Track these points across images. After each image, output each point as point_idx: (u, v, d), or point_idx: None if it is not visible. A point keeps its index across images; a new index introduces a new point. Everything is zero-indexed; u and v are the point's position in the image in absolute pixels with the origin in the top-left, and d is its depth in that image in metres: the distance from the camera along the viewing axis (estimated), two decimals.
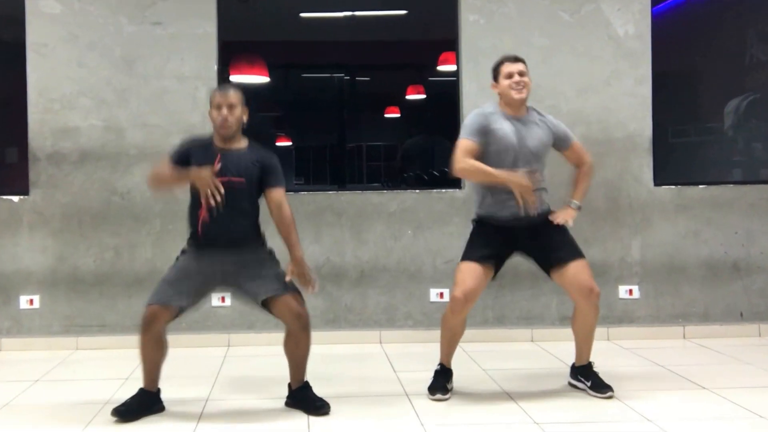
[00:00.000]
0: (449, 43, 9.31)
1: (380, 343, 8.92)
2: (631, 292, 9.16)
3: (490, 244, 6.59)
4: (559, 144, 6.80)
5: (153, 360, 6.23)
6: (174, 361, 6.39)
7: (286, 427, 5.93)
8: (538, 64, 9.01)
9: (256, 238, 6.33)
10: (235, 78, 9.31)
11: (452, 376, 6.82)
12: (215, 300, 8.83)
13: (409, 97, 9.84)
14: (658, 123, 9.21)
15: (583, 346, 6.82)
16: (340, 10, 9.39)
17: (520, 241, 6.60)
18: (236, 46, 9.27)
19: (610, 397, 6.53)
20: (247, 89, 8.85)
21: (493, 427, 5.87)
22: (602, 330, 8.82)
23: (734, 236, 9.22)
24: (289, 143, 9.82)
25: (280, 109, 9.91)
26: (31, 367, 7.95)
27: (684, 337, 9.03)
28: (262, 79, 9.50)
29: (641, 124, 9.15)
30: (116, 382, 7.22)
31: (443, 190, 9.10)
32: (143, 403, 6.24)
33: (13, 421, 6.16)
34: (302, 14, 9.59)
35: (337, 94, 9.55)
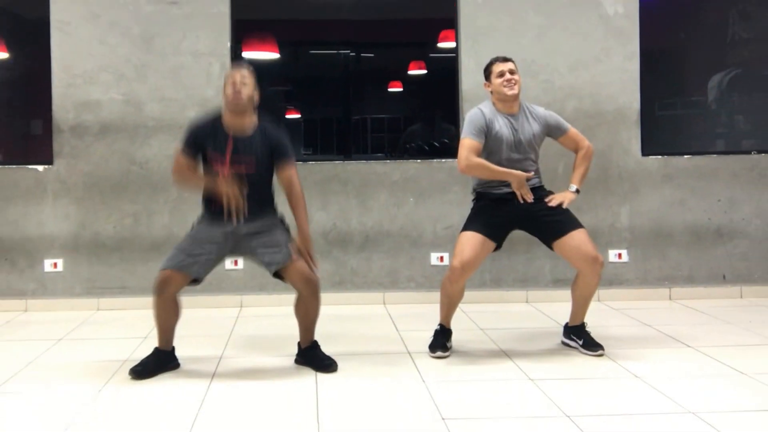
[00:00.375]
0: (449, 21, 9.24)
1: (384, 304, 8.90)
2: (620, 256, 9.13)
3: (491, 217, 6.57)
4: (554, 133, 6.78)
5: (167, 321, 6.18)
6: (189, 321, 6.37)
7: (296, 383, 5.89)
8: (533, 41, 8.99)
9: (269, 209, 6.26)
10: (247, 54, 9.24)
11: (451, 336, 6.80)
12: (228, 263, 8.79)
13: (411, 73, 9.78)
14: (646, 97, 9.19)
15: (579, 310, 6.80)
16: None
17: (520, 214, 6.55)
18: (248, 24, 9.20)
19: (601, 355, 6.51)
20: (258, 65, 8.82)
21: (490, 383, 5.84)
22: None
23: (717, 204, 9.17)
24: (298, 116, 9.77)
25: (290, 84, 9.85)
26: (54, 327, 7.94)
27: (670, 299, 9.01)
28: (273, 56, 9.43)
29: (630, 98, 9.11)
30: (135, 341, 7.20)
31: (443, 160, 9.05)
32: (159, 361, 6.21)
33: (38, 378, 6.13)
34: None
35: (343, 70, 9.48)
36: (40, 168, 8.85)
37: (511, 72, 6.57)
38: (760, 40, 9.75)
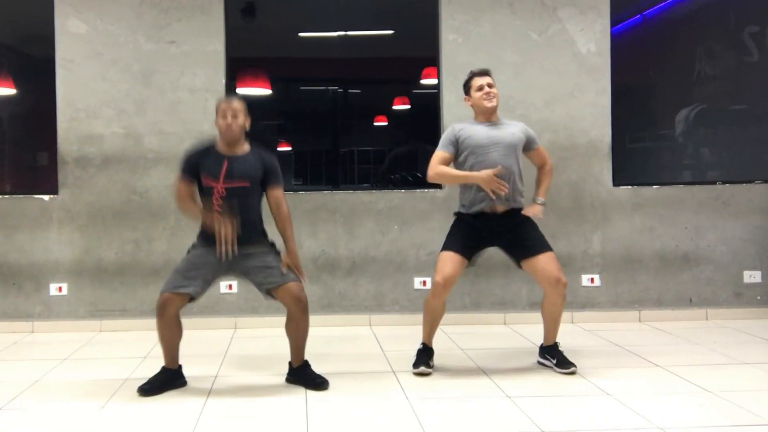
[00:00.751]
0: (431, 59, 9.30)
1: (370, 325, 8.92)
2: (592, 280, 9.18)
3: (467, 237, 6.63)
4: (527, 145, 6.81)
5: (171, 341, 6.24)
6: (186, 341, 6.39)
7: (287, 400, 5.93)
8: (510, 78, 9.04)
9: (260, 233, 6.33)
10: (240, 90, 9.30)
11: (433, 355, 6.84)
12: (223, 287, 8.85)
13: (396, 108, 9.81)
14: (617, 130, 9.22)
15: (551, 330, 6.85)
16: (335, 30, 9.38)
17: (495, 234, 6.61)
18: (242, 62, 9.26)
19: (573, 373, 6.56)
20: (251, 100, 8.87)
21: (470, 400, 5.89)
22: (567, 314, 8.83)
23: (684, 231, 9.24)
24: (289, 148, 9.79)
25: (281, 118, 9.88)
26: (59, 347, 7.95)
27: (640, 321, 9.04)
28: (265, 92, 9.48)
29: (602, 131, 9.16)
30: (136, 360, 7.24)
31: (426, 190, 9.10)
32: (166, 379, 6.26)
33: (44, 396, 6.16)
34: (301, 33, 9.57)
35: (332, 105, 9.52)
36: (46, 198, 8.89)
37: (489, 85, 6.63)
38: (725, 77, 9.83)
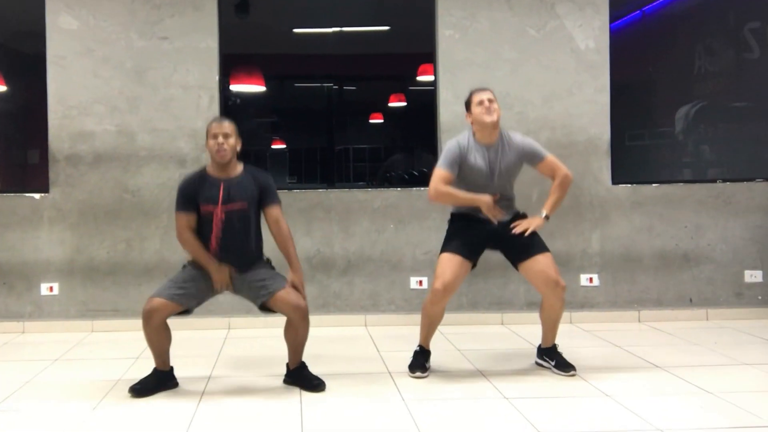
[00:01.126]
0: (427, 55, 9.31)
1: (365, 326, 8.93)
2: (591, 280, 9.19)
3: (466, 237, 6.61)
4: (530, 161, 6.74)
5: (160, 346, 6.23)
6: (178, 342, 6.40)
7: (282, 401, 5.94)
8: (507, 75, 9.05)
9: (257, 252, 6.38)
10: (234, 87, 9.30)
11: (430, 357, 6.84)
12: None
13: (392, 105, 9.83)
14: (616, 128, 9.23)
15: (549, 332, 6.86)
16: (330, 26, 9.38)
17: (493, 235, 6.61)
18: (236, 59, 9.27)
19: (573, 375, 6.56)
20: (245, 97, 8.90)
21: (467, 401, 5.90)
22: (565, 314, 8.80)
23: (684, 230, 9.25)
24: (284, 146, 9.80)
25: (276, 116, 9.89)
26: (50, 347, 7.96)
27: (639, 321, 9.06)
28: (259, 89, 9.48)
29: (600, 129, 9.17)
30: (128, 361, 7.24)
31: (422, 188, 9.07)
32: (158, 381, 6.26)
33: (35, 396, 6.17)
34: (295, 30, 9.57)
35: (327, 102, 9.54)
36: (37, 196, 8.89)
37: (490, 101, 6.55)
38: (726, 74, 9.86)
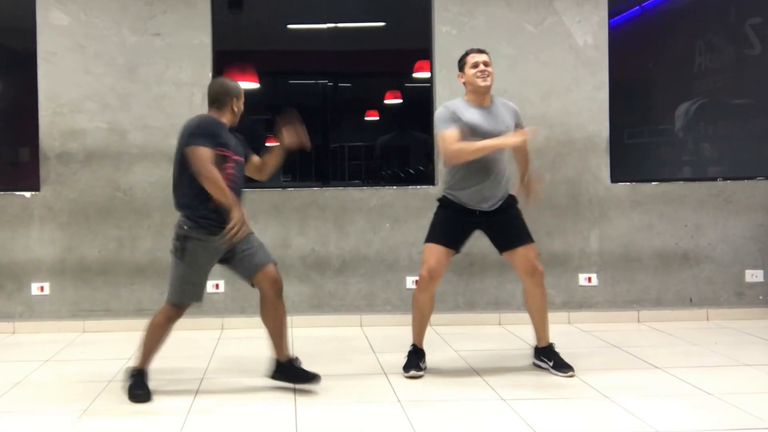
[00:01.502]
0: (424, 52, 9.32)
1: (361, 326, 8.93)
2: (590, 279, 9.19)
3: (452, 226, 6.65)
4: (517, 125, 6.75)
5: (160, 347, 6.25)
6: (172, 342, 6.38)
7: (276, 403, 5.95)
8: (505, 71, 9.04)
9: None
10: None
11: (425, 356, 6.83)
12: (210, 287, 8.81)
13: (387, 102, 9.81)
14: (615, 125, 9.25)
15: (540, 328, 6.86)
16: (324, 23, 9.37)
17: (480, 220, 6.62)
18: (229, 55, 9.26)
19: (571, 376, 6.56)
20: None
21: (464, 403, 5.90)
22: (564, 314, 8.90)
23: (684, 229, 9.26)
24: (278, 144, 9.80)
25: (270, 113, 9.88)
26: (41, 348, 7.96)
27: (638, 321, 9.06)
28: (253, 86, 9.47)
29: (599, 126, 9.18)
30: (119, 362, 7.22)
31: (418, 187, 9.11)
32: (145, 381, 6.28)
33: (26, 397, 6.18)
34: (289, 26, 9.57)
35: (321, 99, 9.52)
36: (27, 194, 8.88)
37: (485, 64, 6.56)
38: (726, 71, 9.85)
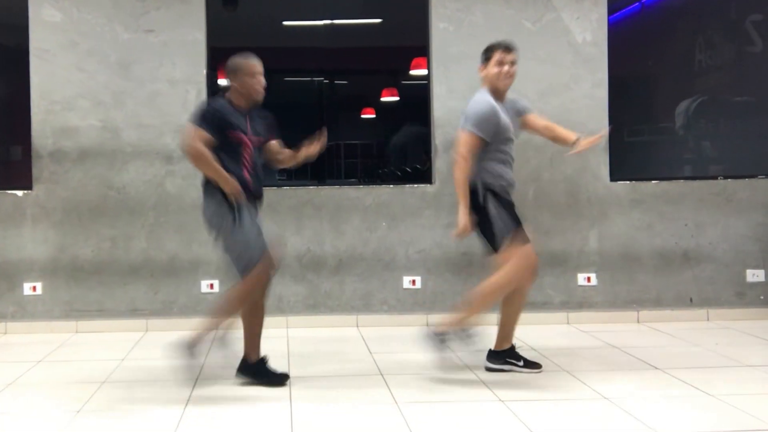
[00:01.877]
0: (421, 49, 9.31)
1: (357, 326, 8.92)
2: (589, 279, 9.18)
3: (512, 208, 6.56)
4: (520, 112, 6.82)
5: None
6: (168, 342, 6.37)
7: (271, 404, 5.95)
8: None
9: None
10: (222, 81, 9.27)
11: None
12: (204, 287, 8.81)
13: (384, 99, 9.81)
14: (614, 123, 9.22)
15: (513, 328, 6.95)
16: (320, 19, 9.37)
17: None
18: (224, 52, 9.15)
19: (541, 371, 6.72)
20: None
21: (462, 404, 5.89)
22: (562, 314, 8.90)
23: (684, 228, 9.25)
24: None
25: (265, 111, 9.89)
26: (34, 349, 7.95)
27: (638, 321, 9.06)
28: None
29: (598, 124, 9.14)
30: (113, 362, 7.23)
31: (415, 185, 9.09)
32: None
33: (18, 399, 6.16)
34: (285, 22, 9.56)
35: (317, 97, 9.52)
36: (20, 193, 8.86)
37: (512, 63, 6.53)
38: (727, 68, 9.85)
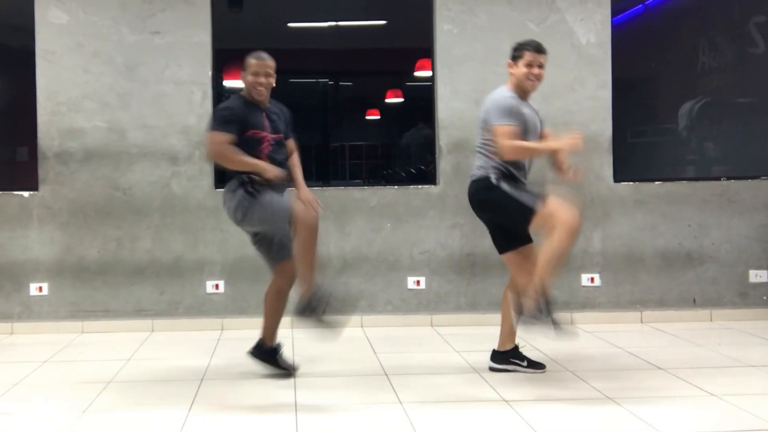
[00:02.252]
0: (425, 50, 9.33)
1: (361, 327, 8.91)
2: (592, 280, 9.20)
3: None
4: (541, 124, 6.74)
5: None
6: (171, 343, 6.41)
7: (276, 404, 5.95)
8: (507, 70, 9.05)
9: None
10: (227, 83, 9.31)
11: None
12: (210, 287, 8.84)
13: (388, 101, 9.82)
14: (618, 124, 9.26)
15: (515, 328, 6.77)
16: (325, 21, 9.40)
17: None
18: (229, 54, 9.26)
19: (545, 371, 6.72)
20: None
21: (466, 404, 5.91)
22: (566, 315, 8.86)
23: (687, 229, 9.27)
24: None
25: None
26: (40, 349, 7.96)
27: (641, 322, 9.07)
28: None
29: (602, 125, 9.19)
30: (119, 363, 7.24)
31: (420, 187, 9.12)
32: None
33: (24, 399, 6.18)
34: (290, 24, 9.59)
35: (322, 98, 9.55)
36: (26, 194, 8.90)
37: (540, 66, 6.47)
38: (730, 69, 9.86)
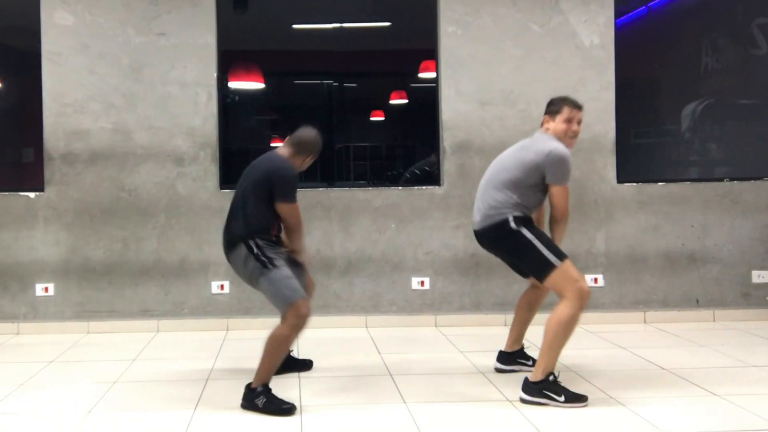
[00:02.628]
0: (429, 52, 9.34)
1: (366, 327, 8.94)
2: (596, 280, 9.20)
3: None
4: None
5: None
6: (176, 343, 6.41)
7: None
8: (511, 71, 9.06)
9: None
10: (233, 84, 9.31)
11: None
12: (215, 287, 8.86)
13: (393, 102, 9.82)
14: (621, 125, 9.27)
15: (526, 329, 6.97)
16: (330, 22, 9.40)
17: None
18: (234, 55, 9.28)
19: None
20: (244, 94, 8.89)
21: (470, 404, 5.92)
22: None
23: (691, 229, 9.27)
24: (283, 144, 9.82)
25: (275, 113, 9.89)
26: (45, 349, 7.98)
27: (645, 322, 9.08)
28: (258, 86, 9.48)
29: (605, 126, 9.19)
30: (124, 363, 7.26)
31: (424, 188, 9.13)
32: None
33: (30, 399, 6.19)
34: (295, 26, 9.58)
35: (327, 99, 9.55)
36: (32, 195, 8.91)
37: (579, 123, 6.27)
38: (733, 71, 9.86)
